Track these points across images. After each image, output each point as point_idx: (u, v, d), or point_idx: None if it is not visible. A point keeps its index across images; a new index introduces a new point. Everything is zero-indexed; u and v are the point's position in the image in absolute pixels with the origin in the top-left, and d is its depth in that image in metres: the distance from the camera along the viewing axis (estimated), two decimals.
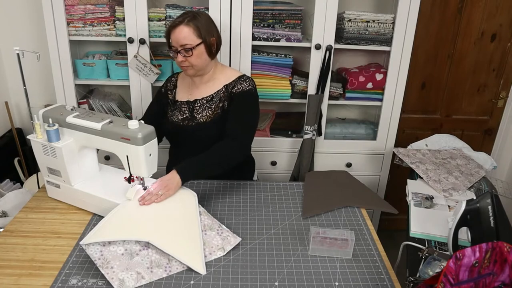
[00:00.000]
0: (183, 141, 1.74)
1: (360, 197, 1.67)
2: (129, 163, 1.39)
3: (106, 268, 1.18)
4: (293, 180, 2.40)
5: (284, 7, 2.16)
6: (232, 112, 1.66)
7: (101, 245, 1.22)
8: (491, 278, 1.02)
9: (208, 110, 1.69)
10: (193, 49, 1.58)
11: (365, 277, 1.25)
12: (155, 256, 1.24)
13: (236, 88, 1.67)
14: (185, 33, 1.57)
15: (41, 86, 2.52)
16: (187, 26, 1.58)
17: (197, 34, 1.59)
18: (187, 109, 1.72)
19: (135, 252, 1.24)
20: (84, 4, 2.11)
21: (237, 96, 1.66)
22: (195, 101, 1.72)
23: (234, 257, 1.30)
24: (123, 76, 2.26)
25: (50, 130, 1.40)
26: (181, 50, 1.59)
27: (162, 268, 1.22)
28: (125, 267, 1.19)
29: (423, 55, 2.49)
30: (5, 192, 2.13)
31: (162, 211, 1.39)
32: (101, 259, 1.20)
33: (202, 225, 1.36)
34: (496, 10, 2.40)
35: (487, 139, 2.75)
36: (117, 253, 1.22)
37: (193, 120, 1.70)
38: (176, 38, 1.58)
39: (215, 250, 1.30)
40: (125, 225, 1.31)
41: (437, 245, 1.47)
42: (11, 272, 1.22)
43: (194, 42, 1.58)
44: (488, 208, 1.25)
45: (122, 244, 1.24)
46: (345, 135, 2.46)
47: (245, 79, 1.70)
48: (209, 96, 1.70)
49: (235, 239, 1.35)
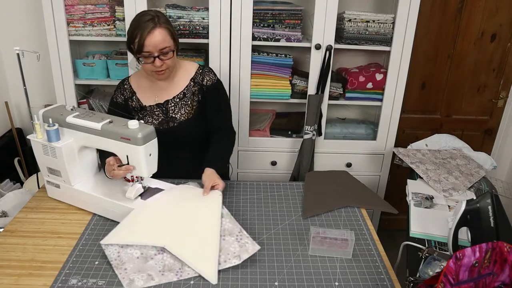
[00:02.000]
0: (164, 144, 1.65)
1: (360, 197, 1.67)
2: (129, 163, 1.39)
3: (120, 269, 1.20)
4: (293, 180, 2.40)
5: (284, 7, 2.16)
6: (213, 106, 1.69)
7: (119, 246, 1.26)
8: (491, 278, 1.02)
9: (185, 107, 1.68)
10: (173, 51, 1.55)
11: (365, 277, 1.25)
12: (169, 260, 1.24)
13: (205, 80, 1.68)
14: (163, 36, 1.51)
15: (41, 86, 2.52)
16: (162, 28, 1.51)
17: (170, 35, 1.55)
18: (161, 112, 1.68)
19: (150, 256, 1.25)
20: (84, 4, 2.11)
21: (210, 89, 1.69)
22: (167, 102, 1.68)
23: None
24: (123, 76, 2.24)
25: (50, 130, 1.40)
26: (160, 54, 1.52)
27: (173, 272, 1.21)
28: (138, 270, 1.21)
29: (423, 55, 2.49)
30: (5, 192, 2.13)
31: (184, 212, 1.39)
32: (117, 260, 1.23)
33: (222, 230, 1.33)
34: (496, 10, 2.40)
35: (487, 139, 2.75)
36: (133, 255, 1.24)
37: (173, 120, 1.68)
38: (154, 43, 1.49)
39: (230, 258, 1.25)
40: (145, 227, 1.32)
41: (437, 245, 1.47)
42: (11, 272, 1.22)
43: (171, 44, 1.55)
44: (488, 208, 1.25)
45: (139, 248, 1.26)
46: (345, 135, 2.46)
47: (208, 70, 1.72)
48: (180, 94, 1.68)
49: (254, 247, 1.28)
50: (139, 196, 1.45)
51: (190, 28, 2.16)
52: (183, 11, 2.13)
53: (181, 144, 1.70)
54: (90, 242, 1.35)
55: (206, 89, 1.68)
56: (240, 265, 1.26)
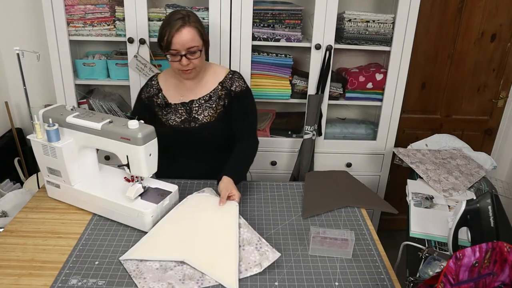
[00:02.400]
0: (183, 143, 1.72)
1: (360, 197, 1.67)
2: (129, 163, 1.39)
3: (139, 278, 1.19)
4: (293, 180, 2.40)
5: (284, 7, 2.16)
6: (239, 112, 1.68)
7: (138, 260, 1.26)
8: (491, 278, 1.02)
9: (209, 110, 1.68)
10: (200, 51, 1.56)
11: (365, 277, 1.25)
12: (189, 270, 1.23)
13: (234, 86, 1.68)
14: (191, 35, 1.53)
15: (41, 86, 2.52)
16: (191, 27, 1.53)
17: (200, 35, 1.57)
18: (184, 111, 1.69)
19: (170, 267, 1.24)
20: (84, 4, 2.11)
21: (238, 95, 1.68)
22: (192, 102, 1.69)
23: None
24: (123, 76, 2.26)
25: (50, 130, 1.40)
26: (186, 53, 1.54)
27: (194, 281, 1.20)
28: (158, 279, 1.19)
29: (423, 55, 2.49)
30: (5, 192, 2.13)
31: (202, 225, 1.38)
32: (136, 271, 1.22)
33: (240, 240, 1.33)
34: (496, 10, 2.40)
35: (487, 139, 2.75)
36: (152, 267, 1.24)
37: (195, 121, 1.69)
38: (182, 41, 1.52)
39: (251, 267, 1.24)
40: (163, 243, 1.32)
41: (437, 245, 1.47)
42: (11, 272, 1.22)
43: (200, 43, 1.56)
44: (488, 208, 1.25)
45: (158, 261, 1.26)
46: (345, 135, 2.46)
47: (238, 76, 1.71)
48: (206, 96, 1.69)
49: (274, 255, 1.27)
50: (139, 196, 1.45)
51: None
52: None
53: (200, 145, 1.70)
54: (90, 242, 1.35)
55: (234, 95, 1.68)
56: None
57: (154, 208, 1.40)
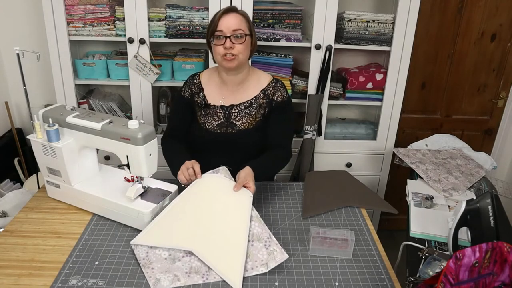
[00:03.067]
0: (218, 147, 1.68)
1: (360, 197, 1.67)
2: (129, 163, 1.39)
3: (147, 268, 1.22)
4: (293, 180, 2.40)
5: (284, 7, 2.16)
6: (277, 122, 1.67)
7: (148, 247, 1.29)
8: (491, 278, 1.02)
9: (248, 117, 1.66)
10: (246, 35, 1.56)
11: (365, 277, 1.25)
12: (196, 263, 1.25)
13: (276, 95, 1.66)
14: (238, 20, 1.55)
15: (41, 86, 2.52)
16: (240, 14, 1.56)
17: (247, 25, 1.58)
18: (223, 115, 1.66)
19: (178, 258, 1.26)
20: (84, 4, 2.11)
21: (279, 105, 1.67)
22: (232, 107, 1.66)
23: None
24: (123, 76, 2.26)
25: (50, 130, 1.40)
26: (231, 36, 1.53)
27: (199, 275, 1.21)
28: (165, 270, 1.22)
29: (423, 55, 2.49)
30: (5, 192, 2.13)
31: (215, 211, 1.38)
32: (145, 259, 1.25)
33: (250, 234, 1.32)
34: (496, 10, 2.40)
35: (487, 139, 2.75)
36: (161, 256, 1.26)
37: (232, 126, 1.66)
38: (229, 23, 1.53)
39: (257, 266, 1.24)
40: (174, 228, 1.34)
41: (437, 245, 1.47)
42: (11, 272, 1.22)
43: (246, 30, 1.57)
44: (488, 208, 1.25)
45: (167, 249, 1.28)
46: (345, 135, 2.46)
47: (281, 85, 1.69)
48: (247, 102, 1.66)
49: (282, 256, 1.25)
50: (139, 196, 1.45)
51: (190, 28, 2.16)
52: (183, 11, 2.13)
53: (234, 152, 1.67)
54: (90, 242, 1.35)
55: (275, 104, 1.66)
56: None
57: (154, 208, 1.40)
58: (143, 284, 1.19)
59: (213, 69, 1.74)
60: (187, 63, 2.26)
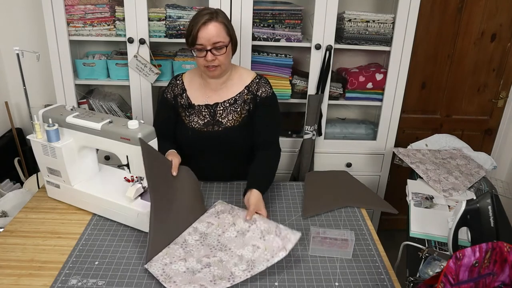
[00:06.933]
0: (206, 147, 1.68)
1: (360, 197, 1.67)
2: (129, 163, 1.39)
3: (170, 282, 1.18)
4: (293, 180, 2.40)
5: (284, 7, 2.16)
6: (263, 119, 1.66)
7: (163, 264, 1.24)
8: (491, 278, 1.02)
9: (233, 114, 1.65)
10: (226, 47, 1.54)
11: (365, 277, 1.25)
12: (217, 271, 1.22)
13: (260, 91, 1.66)
14: (218, 31, 1.51)
15: (41, 86, 2.52)
16: (218, 23, 1.52)
17: (226, 31, 1.55)
18: (208, 114, 1.66)
19: (197, 270, 1.23)
20: (84, 4, 2.11)
21: (264, 101, 1.66)
22: (216, 105, 1.66)
23: None
24: (123, 76, 2.26)
25: (50, 130, 1.40)
26: (212, 48, 1.52)
27: (225, 280, 1.19)
28: (188, 281, 1.18)
29: (423, 55, 2.49)
30: (5, 192, 2.13)
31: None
32: (164, 275, 1.20)
33: (258, 231, 1.33)
34: (496, 10, 2.40)
35: (487, 139, 2.75)
36: (179, 270, 1.22)
37: (219, 124, 1.65)
38: (208, 36, 1.50)
39: (276, 252, 1.26)
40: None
41: (437, 245, 1.47)
42: (11, 272, 1.22)
43: (226, 40, 1.54)
44: (488, 208, 1.25)
45: (183, 264, 1.25)
46: (345, 135, 2.46)
47: (265, 81, 1.69)
48: (231, 99, 1.66)
49: (295, 236, 1.28)
50: (139, 196, 1.45)
51: None
52: (183, 11, 2.13)
53: (222, 150, 1.68)
54: (90, 242, 1.35)
55: (260, 100, 1.66)
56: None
57: None
58: (143, 284, 1.19)
59: (196, 70, 1.73)
60: (187, 63, 2.26)
